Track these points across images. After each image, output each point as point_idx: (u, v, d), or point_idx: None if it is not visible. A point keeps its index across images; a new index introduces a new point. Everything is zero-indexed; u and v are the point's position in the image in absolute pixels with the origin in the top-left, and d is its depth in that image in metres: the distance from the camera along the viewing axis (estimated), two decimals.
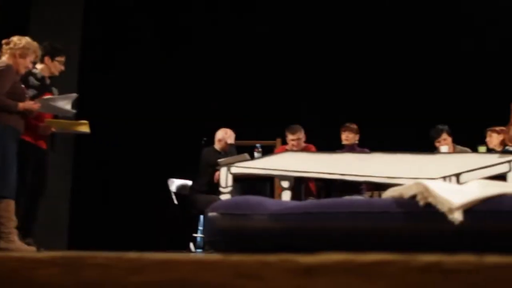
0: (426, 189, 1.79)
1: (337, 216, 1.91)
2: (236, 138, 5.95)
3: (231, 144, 5.80)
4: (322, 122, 6.23)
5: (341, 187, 5.38)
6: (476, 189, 1.83)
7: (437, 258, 0.78)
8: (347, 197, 5.04)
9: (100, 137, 5.96)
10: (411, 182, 1.86)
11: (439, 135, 5.29)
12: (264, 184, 6.02)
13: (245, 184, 5.75)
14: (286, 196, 4.96)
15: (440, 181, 2.02)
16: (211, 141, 5.94)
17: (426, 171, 4.73)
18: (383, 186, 4.40)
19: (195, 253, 5.47)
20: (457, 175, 4.68)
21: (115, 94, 7.20)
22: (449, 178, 4.70)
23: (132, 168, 7.01)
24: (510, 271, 0.75)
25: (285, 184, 5.00)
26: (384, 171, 4.85)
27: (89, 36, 7.10)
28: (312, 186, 5.65)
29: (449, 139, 5.31)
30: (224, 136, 5.85)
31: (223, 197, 4.80)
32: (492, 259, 0.76)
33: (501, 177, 4.49)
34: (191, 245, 5.71)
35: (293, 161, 5.04)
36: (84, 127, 4.43)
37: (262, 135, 6.35)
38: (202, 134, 6.14)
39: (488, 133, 5.57)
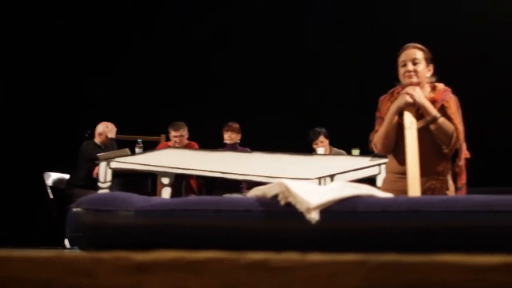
0: (287, 189, 1.85)
1: (201, 214, 1.93)
2: (119, 133, 5.84)
3: (112, 138, 5.68)
4: (206, 120, 6.25)
5: (222, 185, 5.43)
6: (334, 190, 1.91)
7: (264, 256, 0.81)
8: (227, 195, 5.11)
9: None
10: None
11: (316, 137, 5.48)
12: (145, 180, 5.95)
13: (126, 179, 5.66)
14: (166, 193, 4.93)
15: (301, 182, 2.09)
16: (94, 135, 5.78)
17: (303, 171, 4.90)
18: (263, 185, 4.50)
19: (70, 249, 5.29)
20: (332, 176, 4.90)
21: None
22: (324, 178, 4.92)
23: (4, 160, 6.64)
24: (329, 267, 0.80)
25: (166, 180, 4.97)
26: (263, 170, 4.96)
27: None
28: (193, 183, 5.66)
29: (326, 142, 5.52)
30: (105, 129, 5.72)
31: (101, 192, 4.69)
32: (313, 256, 0.81)
33: (371, 179, 4.76)
34: (66, 242, 5.51)
35: (174, 158, 5.03)
36: None
37: (147, 131, 6.27)
38: (81, 127, 5.95)
39: None
